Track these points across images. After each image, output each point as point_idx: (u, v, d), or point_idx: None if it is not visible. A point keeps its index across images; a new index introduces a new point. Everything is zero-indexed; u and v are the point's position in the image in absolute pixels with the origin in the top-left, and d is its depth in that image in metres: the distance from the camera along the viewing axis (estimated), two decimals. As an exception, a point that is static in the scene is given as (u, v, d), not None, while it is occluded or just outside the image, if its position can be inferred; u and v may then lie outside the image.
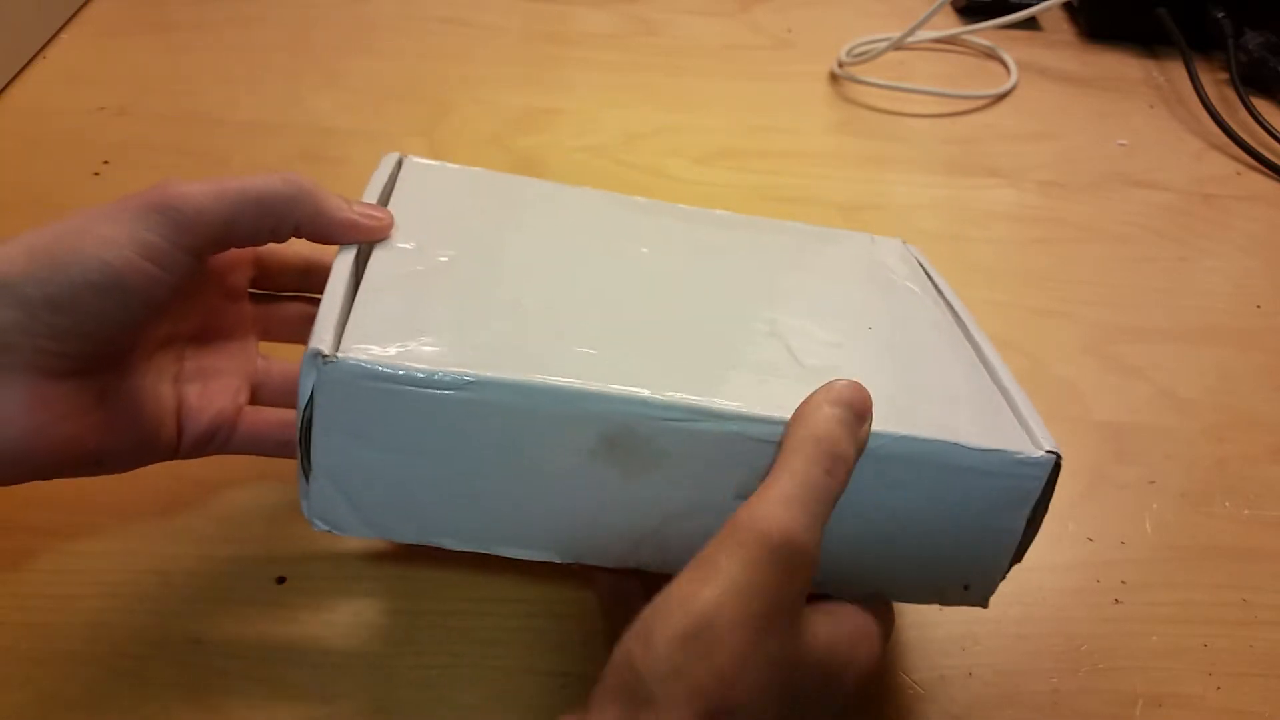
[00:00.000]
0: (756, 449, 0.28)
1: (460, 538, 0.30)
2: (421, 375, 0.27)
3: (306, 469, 0.29)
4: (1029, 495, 0.30)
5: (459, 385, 0.27)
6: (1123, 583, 0.40)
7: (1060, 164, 0.64)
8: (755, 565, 0.24)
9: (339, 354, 0.27)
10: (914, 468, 0.29)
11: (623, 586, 0.33)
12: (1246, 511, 0.43)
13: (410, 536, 0.30)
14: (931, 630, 0.38)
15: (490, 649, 0.36)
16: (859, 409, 0.28)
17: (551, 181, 0.40)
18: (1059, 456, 0.30)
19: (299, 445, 0.28)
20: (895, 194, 0.61)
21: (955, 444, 0.29)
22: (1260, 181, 0.64)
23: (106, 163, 0.57)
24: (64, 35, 0.68)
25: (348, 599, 0.37)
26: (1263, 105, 0.69)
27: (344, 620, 0.36)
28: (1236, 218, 0.61)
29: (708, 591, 0.24)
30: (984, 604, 0.32)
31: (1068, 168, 0.64)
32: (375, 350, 0.27)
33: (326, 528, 0.30)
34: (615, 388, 0.28)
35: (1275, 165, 0.65)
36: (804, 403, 0.28)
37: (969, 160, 0.64)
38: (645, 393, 0.28)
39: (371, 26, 0.72)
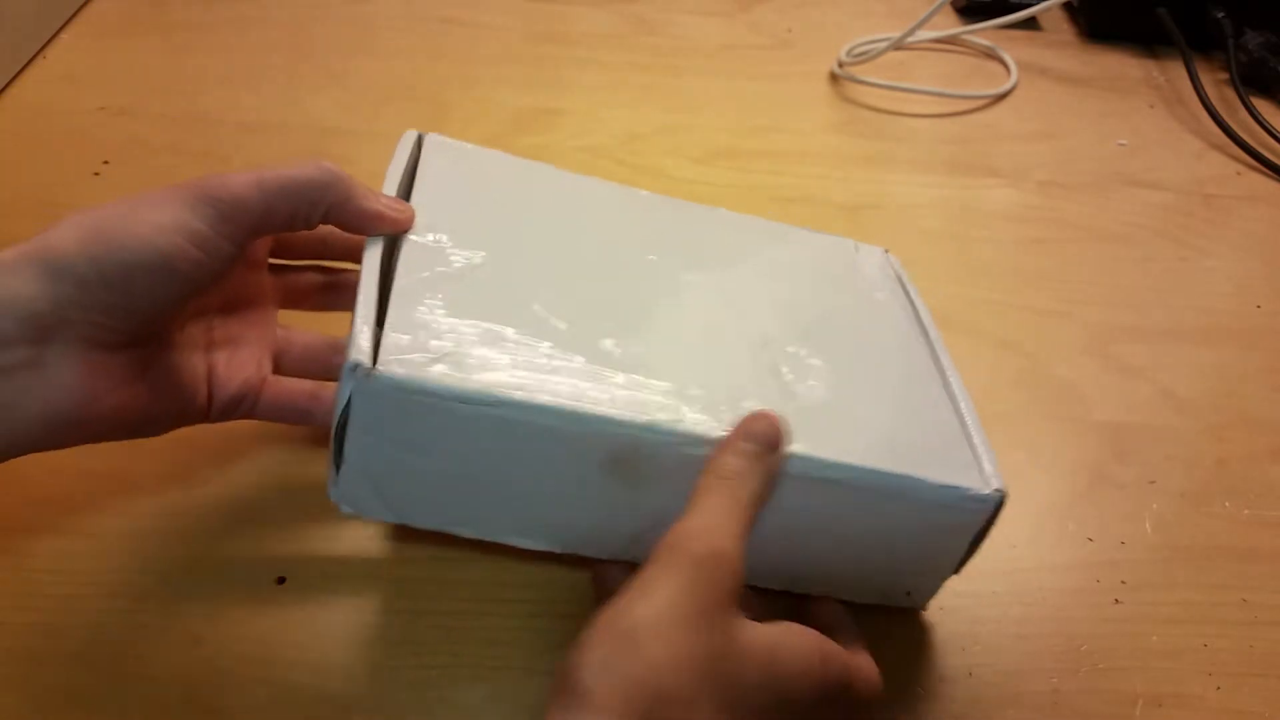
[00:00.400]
0: None
1: (474, 528, 0.33)
2: (457, 391, 0.29)
3: (338, 461, 0.31)
4: (973, 526, 0.34)
5: (488, 402, 0.29)
6: (1123, 583, 0.40)
7: (1060, 164, 0.64)
8: (681, 573, 0.27)
9: (377, 368, 0.29)
10: (872, 495, 0.32)
11: (613, 572, 0.34)
12: (1247, 511, 0.43)
13: (429, 524, 0.33)
14: (931, 630, 0.38)
15: (490, 649, 0.36)
16: (768, 440, 0.31)
17: (569, 173, 0.42)
18: (1004, 494, 0.33)
19: (332, 438, 0.30)
20: (895, 194, 0.61)
21: (912, 478, 0.32)
22: (1260, 181, 0.64)
23: (106, 163, 0.57)
24: (64, 35, 0.68)
25: (348, 599, 0.37)
26: (1263, 105, 0.69)
27: (344, 620, 0.36)
28: (1237, 218, 0.61)
29: (640, 600, 0.26)
30: (923, 608, 0.37)
31: (1068, 168, 0.64)
32: (411, 363, 0.29)
33: (352, 511, 0.32)
34: (626, 413, 0.30)
35: (1275, 165, 0.65)
36: (720, 444, 0.31)
37: (969, 160, 0.64)
38: (651, 419, 0.31)
39: (371, 27, 0.72)
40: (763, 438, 0.31)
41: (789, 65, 0.72)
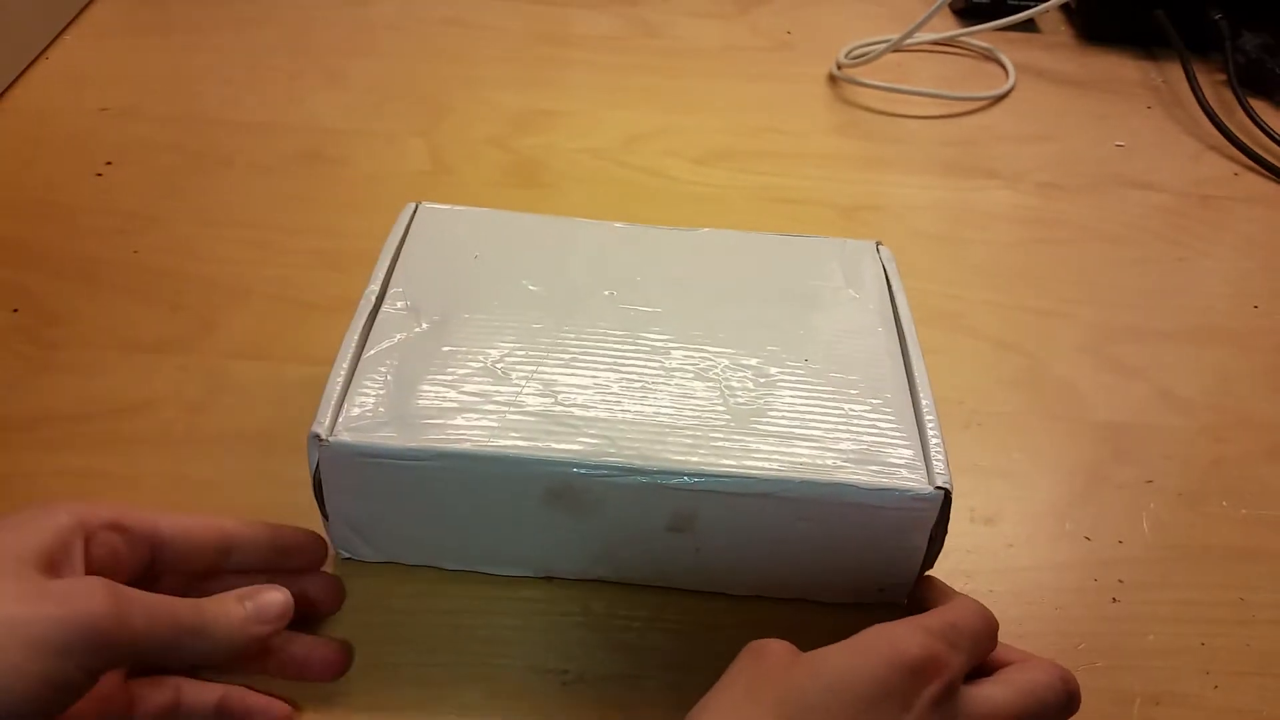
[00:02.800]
0: (674, 495, 0.34)
1: (454, 561, 0.38)
2: (400, 450, 0.33)
3: (324, 514, 0.36)
4: (924, 523, 0.34)
5: (428, 456, 0.34)
6: (1120, 582, 0.40)
7: (1058, 165, 0.65)
8: (731, 670, 0.29)
9: (330, 438, 0.33)
10: (810, 504, 0.34)
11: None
12: (1244, 511, 0.43)
13: (415, 560, 0.38)
14: (930, 629, 0.38)
15: (490, 647, 0.36)
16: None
17: (549, 218, 0.44)
18: (949, 491, 0.34)
19: (315, 495, 0.35)
20: (894, 195, 0.61)
21: (845, 485, 0.34)
22: (1258, 183, 0.64)
23: (109, 163, 0.57)
24: (66, 36, 0.68)
25: (348, 598, 0.37)
26: (1260, 106, 0.69)
27: (344, 620, 0.36)
28: (1234, 219, 0.61)
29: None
30: (903, 602, 0.37)
31: (1066, 169, 0.64)
32: (361, 430, 0.34)
33: (348, 555, 0.38)
34: (553, 453, 0.34)
35: (1273, 166, 0.65)
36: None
37: (967, 162, 0.64)
38: (577, 456, 0.34)
39: (372, 28, 0.72)
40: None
41: (788, 67, 0.73)
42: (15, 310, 0.48)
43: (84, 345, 0.46)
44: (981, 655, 0.30)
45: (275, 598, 0.31)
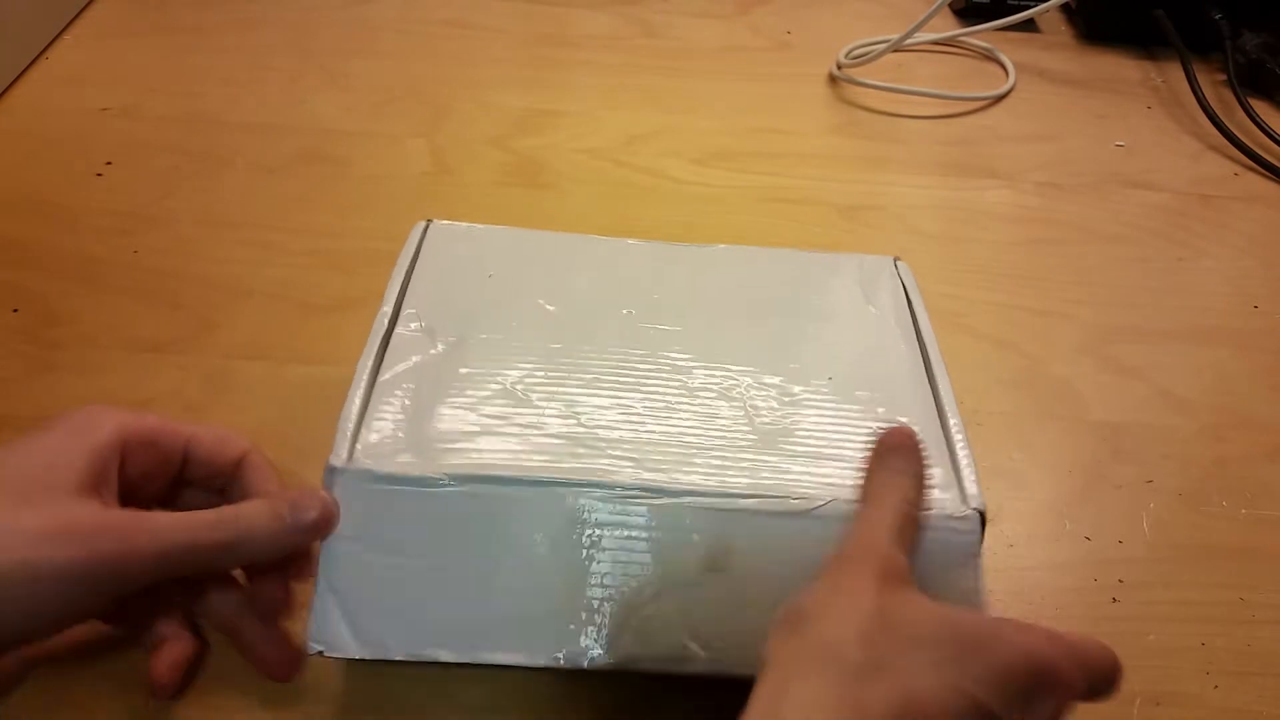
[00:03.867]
0: (705, 516, 0.32)
1: (452, 644, 0.32)
2: (418, 476, 0.32)
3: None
4: (968, 548, 0.32)
5: (447, 482, 0.32)
6: (1120, 581, 0.40)
7: (1058, 165, 0.65)
8: (833, 565, 0.28)
9: (348, 465, 0.32)
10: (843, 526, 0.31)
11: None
12: (1244, 510, 0.43)
13: (401, 650, 0.31)
14: (930, 628, 0.38)
15: (491, 647, 0.36)
16: (900, 448, 0.31)
17: (564, 235, 0.43)
18: (983, 513, 0.32)
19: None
20: (894, 195, 0.61)
21: None
22: (1258, 182, 0.65)
23: (109, 163, 0.57)
24: (66, 36, 0.68)
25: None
26: (1260, 106, 0.69)
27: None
28: (1234, 218, 0.61)
29: (803, 591, 0.27)
30: None
31: (1065, 169, 0.64)
32: (380, 456, 0.32)
33: (320, 649, 0.31)
34: (580, 475, 0.32)
35: (1273, 166, 0.65)
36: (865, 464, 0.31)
37: (967, 161, 0.64)
38: (599, 478, 0.32)
39: (372, 28, 0.72)
40: (896, 450, 0.31)
41: (788, 67, 0.73)
42: (15, 310, 0.48)
43: (84, 345, 0.46)
44: (1097, 695, 0.28)
45: (313, 507, 0.32)
